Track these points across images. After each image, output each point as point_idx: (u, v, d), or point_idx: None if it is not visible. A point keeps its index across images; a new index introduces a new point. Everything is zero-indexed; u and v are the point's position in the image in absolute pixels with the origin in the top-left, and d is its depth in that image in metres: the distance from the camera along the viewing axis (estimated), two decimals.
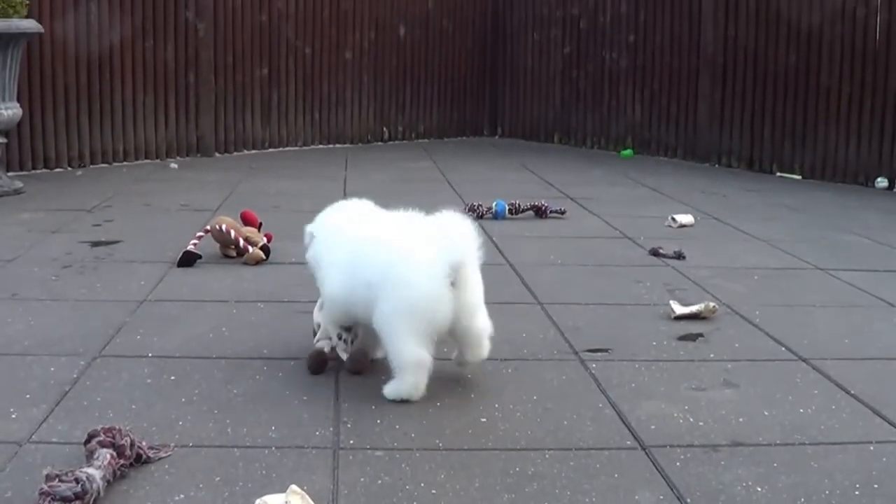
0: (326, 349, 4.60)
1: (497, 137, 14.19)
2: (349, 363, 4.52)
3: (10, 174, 9.76)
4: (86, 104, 11.13)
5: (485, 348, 4.38)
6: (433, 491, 3.40)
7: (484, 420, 4.03)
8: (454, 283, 4.14)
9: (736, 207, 8.88)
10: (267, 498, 3.05)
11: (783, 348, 5.02)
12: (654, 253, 6.98)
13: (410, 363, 4.15)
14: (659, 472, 3.60)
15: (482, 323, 4.34)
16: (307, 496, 3.10)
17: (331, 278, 4.47)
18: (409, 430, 3.82)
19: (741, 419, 4.09)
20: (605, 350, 4.91)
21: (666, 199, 9.27)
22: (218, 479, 3.49)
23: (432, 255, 4.13)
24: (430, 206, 4.44)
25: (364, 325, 4.43)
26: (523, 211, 8.30)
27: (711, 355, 4.91)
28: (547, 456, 3.63)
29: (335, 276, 4.44)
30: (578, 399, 4.27)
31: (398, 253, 4.22)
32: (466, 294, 4.21)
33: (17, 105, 9.42)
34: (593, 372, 4.60)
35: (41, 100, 10.71)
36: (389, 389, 4.22)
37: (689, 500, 3.38)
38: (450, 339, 4.36)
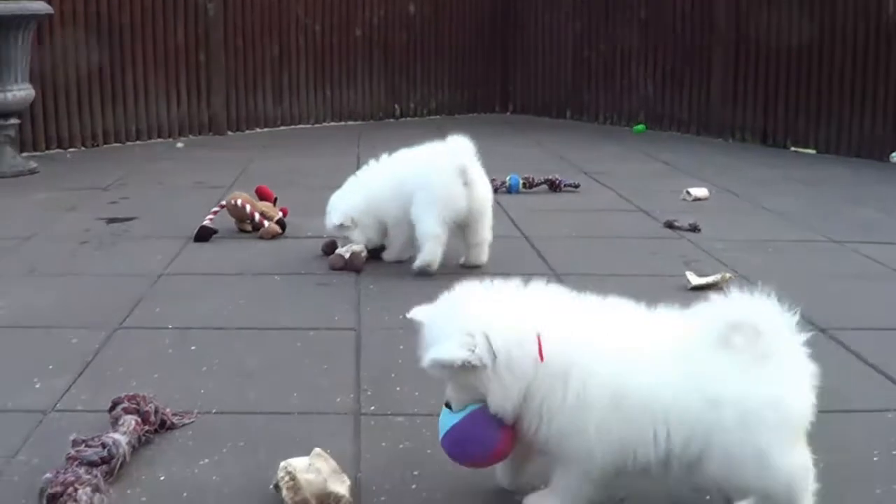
0: (346, 256, 5.80)
1: (509, 114, 14.17)
2: (359, 262, 5.80)
3: (23, 154, 9.79)
4: (97, 85, 11.13)
5: (485, 254, 5.91)
6: None
7: None
8: (465, 182, 5.65)
9: (750, 181, 8.87)
10: (292, 461, 3.07)
11: (800, 319, 5.01)
12: (669, 225, 6.99)
13: (431, 235, 5.65)
14: None
15: (486, 230, 5.88)
16: (331, 459, 3.12)
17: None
18: (428, 398, 3.82)
19: None
20: None
21: (680, 173, 9.27)
22: (242, 443, 3.52)
23: (447, 163, 5.64)
24: None
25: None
26: (537, 185, 8.31)
27: None
28: None
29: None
30: None
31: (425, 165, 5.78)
32: (475, 192, 5.72)
33: (30, 86, 9.43)
34: None
35: (53, 81, 10.71)
36: (416, 264, 5.70)
37: None
38: (460, 243, 5.87)
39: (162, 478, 3.28)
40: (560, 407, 2.85)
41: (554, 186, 8.31)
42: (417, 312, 3.02)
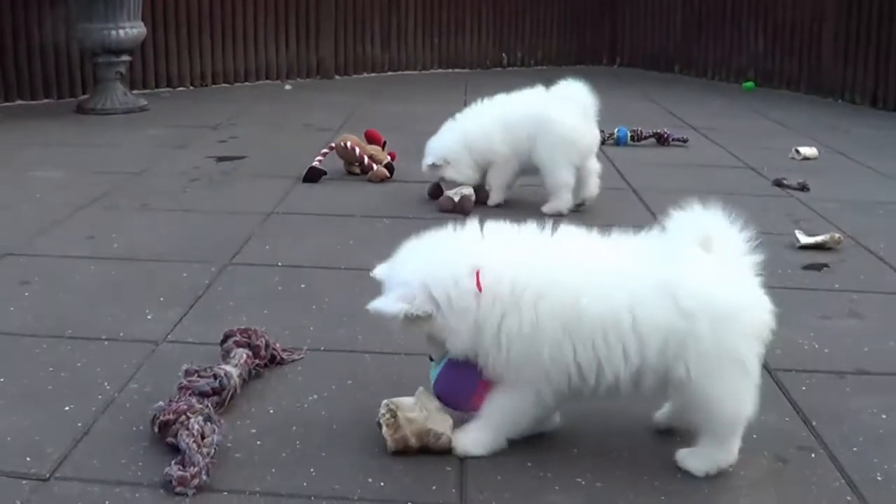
0: (456, 199, 5.93)
1: (616, 66, 14.04)
2: (468, 205, 5.91)
3: (134, 92, 9.91)
4: (208, 25, 11.25)
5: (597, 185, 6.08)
6: None
7: None
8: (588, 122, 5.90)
9: (860, 142, 8.70)
10: (396, 399, 3.10)
11: None
12: (778, 183, 6.91)
13: (564, 182, 5.91)
14: (784, 394, 3.60)
15: (596, 162, 6.10)
16: (436, 398, 3.14)
17: None
18: None
19: (866, 349, 4.06)
20: None
21: (789, 131, 9.13)
22: (349, 381, 3.56)
23: (572, 105, 5.86)
24: None
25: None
26: (645, 138, 8.26)
27: (836, 285, 4.87)
28: None
29: None
30: None
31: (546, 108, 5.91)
32: (594, 129, 6.00)
33: (142, 24, 9.55)
34: None
35: (164, 20, 10.84)
36: (548, 210, 5.85)
37: (814, 423, 3.37)
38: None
39: (271, 411, 3.33)
40: (516, 334, 2.92)
41: (662, 140, 8.25)
42: (378, 270, 3.16)
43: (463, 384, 3.08)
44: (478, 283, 2.91)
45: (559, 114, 5.84)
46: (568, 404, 3.12)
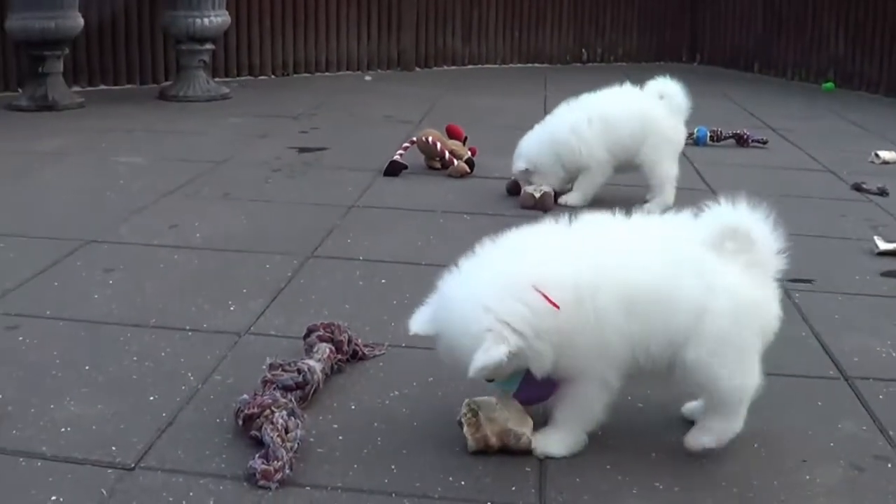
0: (537, 196, 5.86)
1: (696, 64, 13.94)
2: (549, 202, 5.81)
3: (216, 80, 9.99)
4: (291, 15, 11.32)
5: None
6: (639, 405, 3.42)
7: None
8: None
9: None
10: (478, 399, 3.10)
11: None
12: (857, 188, 6.82)
13: (672, 178, 5.95)
14: (861, 403, 3.55)
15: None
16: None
17: None
18: None
19: None
20: (808, 281, 4.82)
21: (869, 134, 9.01)
22: (430, 378, 3.56)
23: (672, 105, 5.92)
24: None
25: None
26: (725, 139, 8.19)
27: None
28: None
29: None
30: (782, 326, 4.21)
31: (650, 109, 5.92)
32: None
33: (226, 13, 9.64)
34: (796, 301, 4.53)
35: (248, 9, 10.92)
36: (654, 206, 5.66)
37: (891, 433, 3.32)
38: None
39: (353, 407, 3.34)
40: (587, 332, 2.91)
41: (741, 141, 8.18)
42: (420, 326, 3.07)
43: (545, 389, 3.07)
44: (550, 301, 2.87)
45: (663, 113, 5.88)
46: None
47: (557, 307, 2.87)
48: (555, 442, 3.07)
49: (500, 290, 2.89)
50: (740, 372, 3.03)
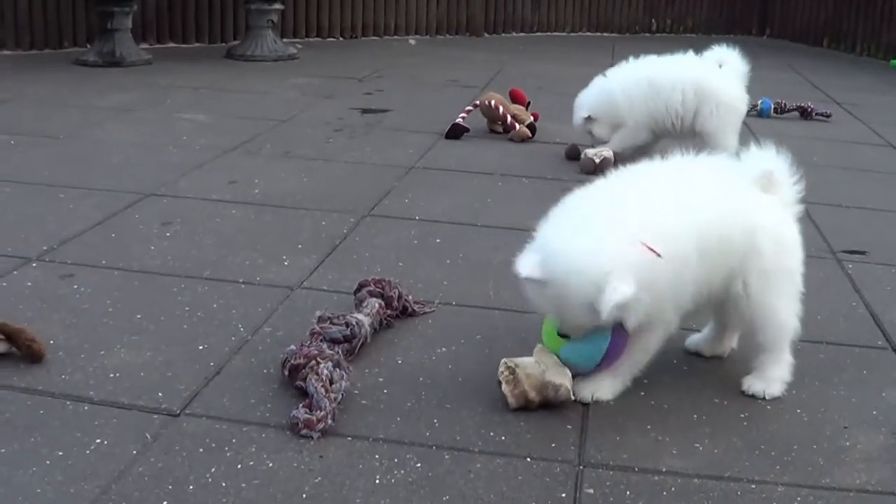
0: (597, 161, 5.79)
1: (765, 37, 13.80)
2: (609, 167, 5.28)
3: (284, 40, 10.02)
4: None
5: None
6: (684, 367, 3.41)
7: None
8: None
9: None
10: (515, 358, 3.10)
11: None
12: None
13: (733, 149, 5.11)
14: None
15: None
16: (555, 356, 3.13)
17: None
18: None
19: None
20: (862, 252, 4.78)
21: None
22: (479, 337, 3.56)
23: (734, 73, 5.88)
24: None
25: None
26: (789, 111, 8.12)
27: None
28: (798, 347, 3.57)
29: None
30: (833, 296, 4.19)
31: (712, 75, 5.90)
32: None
33: None
34: (849, 272, 4.50)
35: None
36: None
37: None
38: None
39: (399, 361, 3.35)
40: (667, 278, 2.96)
41: (805, 114, 8.10)
42: (532, 271, 2.96)
43: (622, 344, 3.09)
44: (654, 251, 2.90)
45: (723, 81, 5.84)
46: None
47: (661, 256, 2.91)
48: (606, 387, 3.14)
49: (613, 241, 2.90)
50: (788, 309, 3.22)
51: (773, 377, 3.25)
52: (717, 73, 5.82)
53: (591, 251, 2.88)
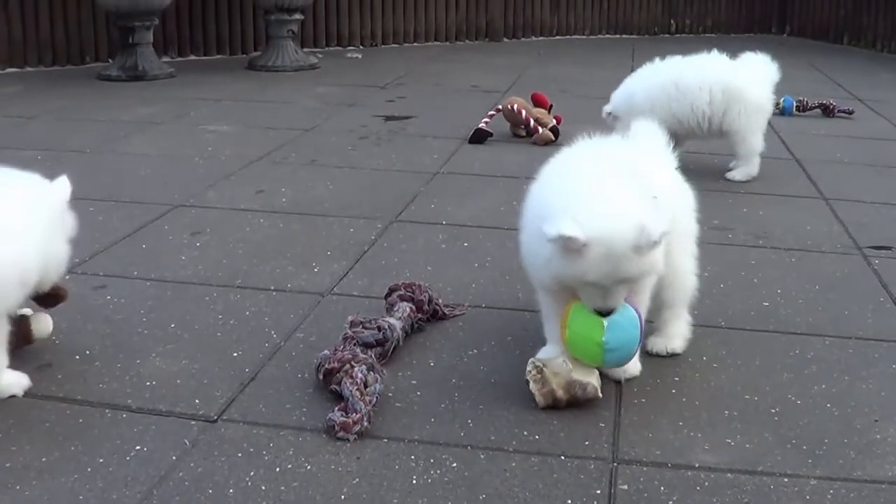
0: None
1: (785, 36, 13.80)
2: None
3: (304, 50, 10.07)
4: None
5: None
6: (714, 364, 3.43)
7: (766, 304, 4.02)
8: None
9: None
10: (543, 357, 3.13)
11: None
12: None
13: (758, 151, 5.94)
14: None
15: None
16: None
17: None
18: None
19: None
20: (889, 248, 4.78)
21: None
22: (509, 338, 3.59)
23: (765, 75, 5.95)
24: None
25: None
26: (811, 109, 8.12)
27: None
28: (827, 342, 3.60)
29: None
30: (860, 292, 4.20)
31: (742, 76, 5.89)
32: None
33: None
34: (876, 268, 4.50)
35: None
36: (737, 176, 5.92)
37: None
38: None
39: (432, 364, 3.38)
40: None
41: (827, 111, 8.10)
42: (573, 230, 2.87)
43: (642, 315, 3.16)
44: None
45: (751, 81, 5.85)
46: None
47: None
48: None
49: (633, 195, 2.98)
50: (694, 261, 3.47)
51: (674, 333, 3.47)
52: (745, 73, 5.82)
53: (623, 202, 2.94)
